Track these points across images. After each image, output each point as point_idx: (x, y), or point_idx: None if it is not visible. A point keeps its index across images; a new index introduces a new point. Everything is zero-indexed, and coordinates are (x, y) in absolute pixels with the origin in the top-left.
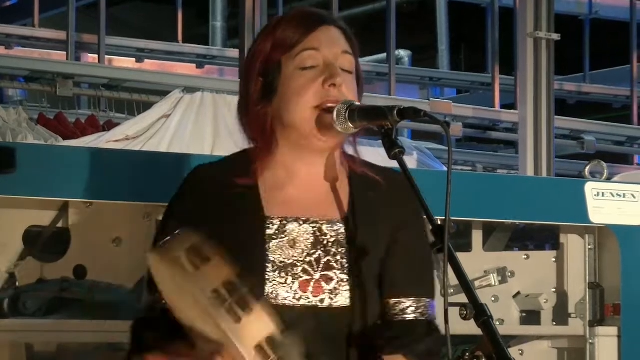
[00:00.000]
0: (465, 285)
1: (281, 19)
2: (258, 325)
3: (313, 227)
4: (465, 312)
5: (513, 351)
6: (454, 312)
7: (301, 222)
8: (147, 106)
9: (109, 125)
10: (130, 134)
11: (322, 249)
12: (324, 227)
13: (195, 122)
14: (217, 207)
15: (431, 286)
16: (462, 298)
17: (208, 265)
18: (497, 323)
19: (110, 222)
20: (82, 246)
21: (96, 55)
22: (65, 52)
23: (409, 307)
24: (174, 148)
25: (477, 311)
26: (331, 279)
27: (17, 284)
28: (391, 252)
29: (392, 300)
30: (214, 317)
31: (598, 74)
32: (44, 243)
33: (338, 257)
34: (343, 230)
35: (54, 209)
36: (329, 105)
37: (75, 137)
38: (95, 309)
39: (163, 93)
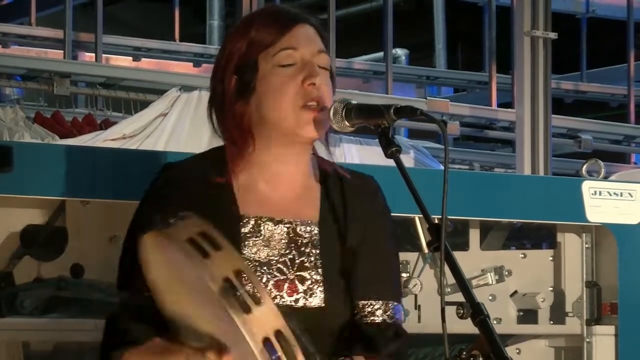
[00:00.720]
0: (462, 284)
1: (253, 18)
2: (268, 318)
3: (287, 228)
4: (462, 311)
5: (510, 350)
6: (451, 310)
7: (276, 222)
8: (144, 105)
9: (106, 124)
10: (127, 133)
11: (296, 250)
12: (298, 228)
13: (192, 121)
14: (190, 205)
15: (398, 289)
16: (459, 297)
17: (219, 252)
18: (494, 322)
19: (107, 221)
20: (79, 245)
21: (93, 54)
22: (62, 51)
23: (377, 310)
24: (171, 147)
25: (474, 310)
26: (305, 280)
27: (14, 282)
28: (361, 254)
29: (362, 302)
30: (223, 306)
31: (595, 72)
32: (41, 242)
33: (312, 258)
34: (317, 231)
35: (51, 207)
36: (311, 103)
37: (72, 135)
38: (93, 308)
39: (160, 92)
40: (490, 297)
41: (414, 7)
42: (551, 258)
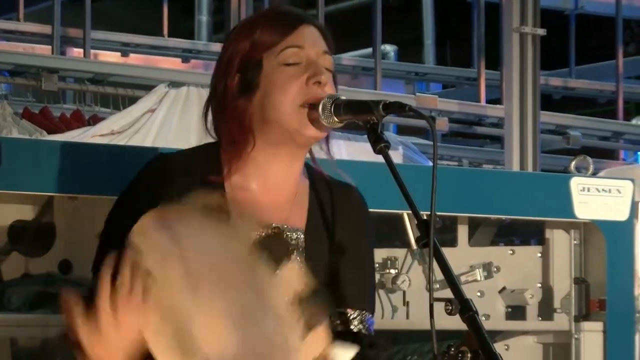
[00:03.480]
0: (451, 280)
1: (257, 19)
2: (293, 276)
3: (275, 233)
4: (450, 307)
5: (498, 346)
6: (439, 307)
7: (264, 227)
8: (133, 100)
9: (94, 120)
10: (115, 129)
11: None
12: (284, 234)
13: (181, 117)
14: (180, 198)
15: (374, 302)
16: (448, 293)
17: (243, 216)
18: (483, 318)
19: (96, 217)
20: (67, 241)
21: (81, 50)
22: (50, 46)
23: (354, 319)
24: (160, 142)
25: (463, 306)
26: None
27: (2, 278)
28: (342, 263)
29: (339, 310)
30: (251, 264)
31: (584, 69)
32: (29, 238)
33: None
34: (303, 238)
35: (39, 203)
36: (314, 102)
37: (60, 131)
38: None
39: (148, 87)
40: (478, 294)
41: (403, 3)
42: (539, 254)
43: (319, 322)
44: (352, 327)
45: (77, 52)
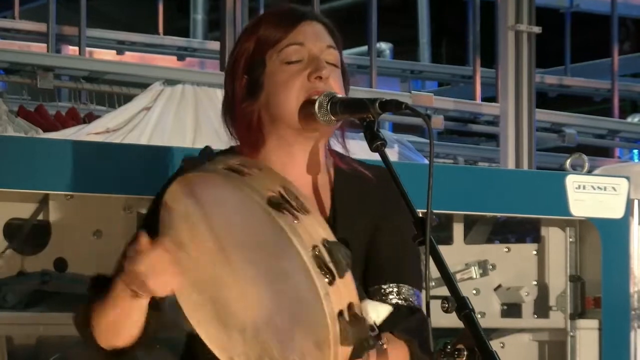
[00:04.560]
0: (447, 278)
1: (262, 18)
2: (315, 227)
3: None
4: (446, 305)
5: (494, 344)
6: (435, 304)
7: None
8: (128, 98)
9: (90, 118)
10: (110, 127)
11: None
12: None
13: (176, 115)
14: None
15: (416, 275)
16: (444, 291)
17: (260, 172)
18: (479, 316)
19: (91, 215)
20: (62, 239)
21: (77, 48)
22: (45, 44)
23: (390, 293)
24: (155, 141)
25: (459, 304)
26: None
27: None
28: (375, 242)
29: (374, 287)
30: (271, 218)
31: (579, 67)
32: (24, 236)
33: None
34: None
35: (35, 201)
36: (315, 97)
37: (55, 129)
38: (76, 302)
39: (144, 85)
40: (474, 291)
41: (398, 1)
42: (535, 252)
43: (345, 268)
44: (389, 301)
45: (73, 50)
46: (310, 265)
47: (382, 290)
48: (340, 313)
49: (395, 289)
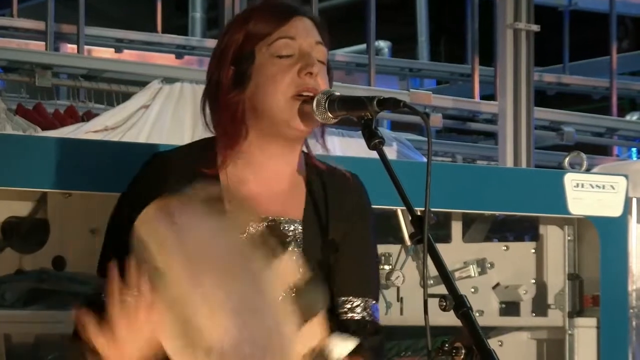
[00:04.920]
0: (445, 276)
1: (252, 11)
2: (290, 268)
3: (272, 225)
4: (444, 303)
5: (492, 342)
6: (433, 303)
7: (260, 219)
8: (126, 97)
9: (88, 116)
10: (109, 125)
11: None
12: (282, 226)
13: (175, 113)
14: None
15: (377, 288)
16: (442, 289)
17: (239, 208)
18: (477, 314)
19: (89, 213)
20: (61, 237)
21: (75, 46)
22: (44, 42)
23: (357, 307)
24: (153, 139)
25: (457, 302)
26: None
27: None
28: (343, 251)
29: (342, 299)
30: (247, 254)
31: (577, 65)
32: (22, 234)
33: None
34: (300, 230)
35: (33, 199)
36: (306, 93)
37: (54, 127)
38: (74, 300)
39: (142, 83)
40: (472, 290)
41: (397, 0)
42: (533, 250)
43: (315, 313)
44: (354, 315)
45: (71, 48)
46: (281, 308)
47: (350, 304)
48: (308, 354)
49: (362, 304)
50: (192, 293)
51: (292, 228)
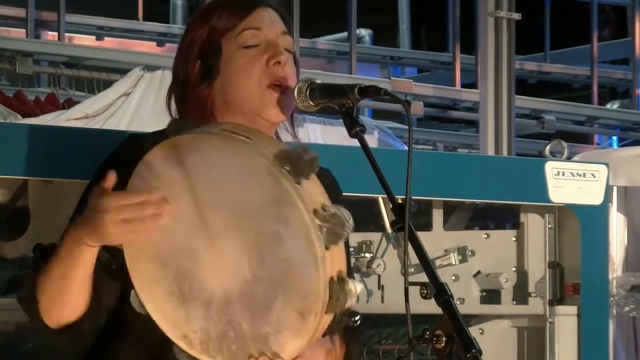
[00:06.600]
0: (426, 264)
1: (214, 4)
2: (315, 192)
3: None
4: (425, 291)
5: (473, 330)
6: (414, 291)
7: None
8: (107, 84)
9: (69, 104)
10: (90, 112)
11: None
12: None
13: (156, 101)
14: None
15: (351, 273)
16: (423, 277)
17: (260, 137)
18: (458, 302)
19: (70, 201)
20: (42, 225)
21: (56, 33)
22: (24, 30)
23: None
24: (134, 126)
25: (438, 290)
26: None
27: None
28: None
29: None
30: (276, 177)
31: (558, 53)
32: (3, 221)
33: None
34: None
35: (14, 187)
36: (277, 83)
37: (34, 115)
38: None
39: (123, 71)
40: (453, 278)
41: None
42: (514, 238)
43: (341, 234)
44: None
45: (52, 35)
46: (312, 228)
47: None
48: (332, 279)
49: None
50: (195, 242)
51: None
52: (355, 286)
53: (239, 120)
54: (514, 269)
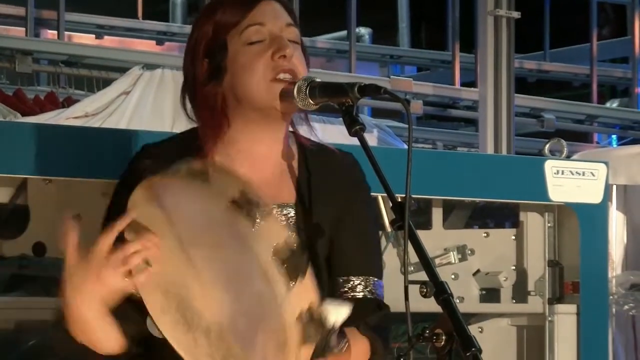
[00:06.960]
0: (426, 262)
1: (217, 2)
2: (275, 230)
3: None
4: (425, 290)
5: (473, 329)
6: (414, 289)
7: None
8: (107, 83)
9: (69, 102)
10: (89, 111)
11: None
12: (274, 211)
13: (155, 99)
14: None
15: (379, 266)
16: (422, 276)
17: (221, 176)
18: (457, 301)
19: (70, 199)
20: (41, 223)
21: (55, 32)
22: (24, 28)
23: (358, 285)
24: (134, 125)
25: (437, 289)
26: None
27: None
28: (339, 231)
29: (342, 278)
30: (232, 221)
31: (558, 52)
32: (2, 220)
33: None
34: (293, 214)
35: (13, 185)
36: (283, 75)
37: (34, 113)
38: (54, 287)
39: (123, 70)
40: (453, 276)
41: None
42: (514, 237)
43: (303, 272)
44: (355, 294)
45: (52, 34)
46: (270, 269)
47: (350, 283)
48: (300, 316)
49: (363, 282)
50: (185, 274)
51: (284, 212)
52: (334, 314)
53: (252, 115)
54: (514, 267)
